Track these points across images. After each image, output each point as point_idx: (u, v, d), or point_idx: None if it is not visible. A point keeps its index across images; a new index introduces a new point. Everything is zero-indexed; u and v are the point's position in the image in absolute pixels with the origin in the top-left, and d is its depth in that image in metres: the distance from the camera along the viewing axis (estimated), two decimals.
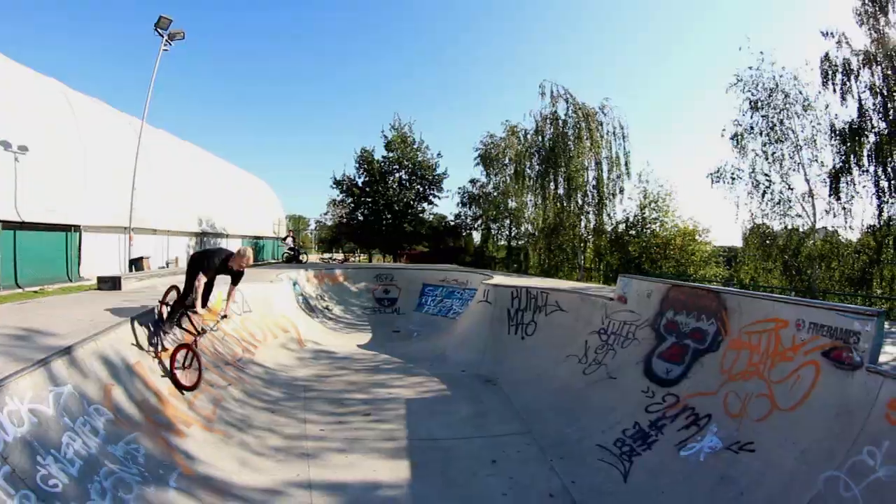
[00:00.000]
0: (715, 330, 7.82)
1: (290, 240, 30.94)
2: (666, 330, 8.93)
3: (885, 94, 21.04)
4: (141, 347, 7.82)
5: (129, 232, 22.56)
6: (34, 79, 21.24)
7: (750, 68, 24.76)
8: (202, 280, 7.94)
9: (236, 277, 8.47)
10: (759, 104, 24.70)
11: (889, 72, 20.86)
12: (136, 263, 20.03)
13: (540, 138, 33.57)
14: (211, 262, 8.09)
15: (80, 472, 4.66)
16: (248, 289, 13.69)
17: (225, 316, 8.83)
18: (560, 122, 32.49)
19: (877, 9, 21.22)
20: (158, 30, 23.88)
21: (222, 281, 8.62)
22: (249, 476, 6.42)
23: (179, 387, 7.76)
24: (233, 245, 35.05)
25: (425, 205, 40.94)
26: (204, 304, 8.20)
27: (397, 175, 39.49)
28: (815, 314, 6.19)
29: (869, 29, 21.50)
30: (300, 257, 30.34)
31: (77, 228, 20.88)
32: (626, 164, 31.66)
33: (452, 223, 43.83)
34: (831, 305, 6.27)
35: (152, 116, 43.85)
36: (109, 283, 12.61)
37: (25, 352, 5.81)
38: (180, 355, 8.04)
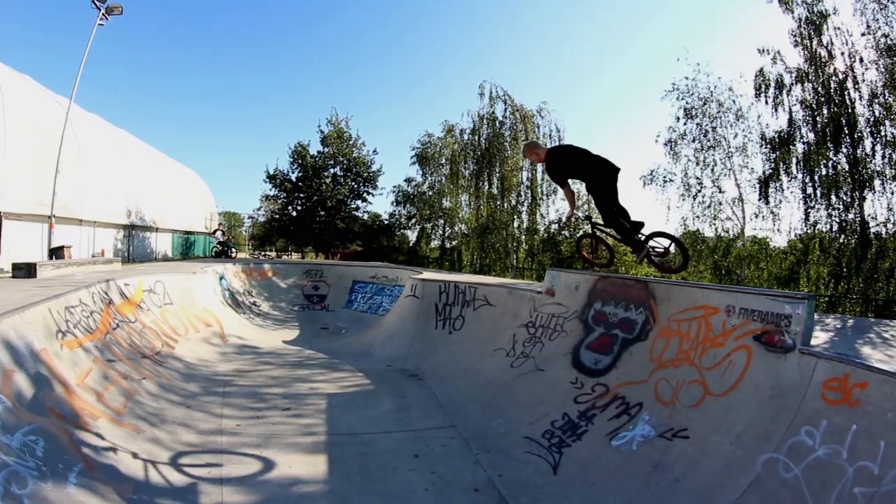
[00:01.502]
0: (644, 319, 7.65)
1: (219, 233, 30.15)
2: (594, 321, 8.75)
3: (815, 107, 22.37)
4: (50, 334, 7.26)
5: (50, 219, 21.41)
6: None
7: (686, 78, 26.03)
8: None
9: None
10: (694, 112, 26.06)
11: (819, 88, 22.19)
12: (56, 252, 19.02)
13: (476, 138, 33.84)
14: None
15: None
16: (169, 280, 13.29)
17: None
18: (497, 122, 33.05)
19: (811, 31, 22.50)
20: (96, 2, 22.89)
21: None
22: (160, 472, 5.99)
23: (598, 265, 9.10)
24: (162, 240, 34.29)
25: (359, 202, 40.63)
26: None
27: (332, 171, 39.04)
28: (746, 300, 6.07)
29: (803, 49, 22.76)
30: (230, 252, 29.51)
31: None
32: None
33: (386, 222, 43.61)
34: (761, 291, 6.21)
35: (86, 101, 42.31)
36: (24, 271, 12.06)
37: None
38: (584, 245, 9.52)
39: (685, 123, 26.34)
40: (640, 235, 8.59)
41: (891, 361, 5.27)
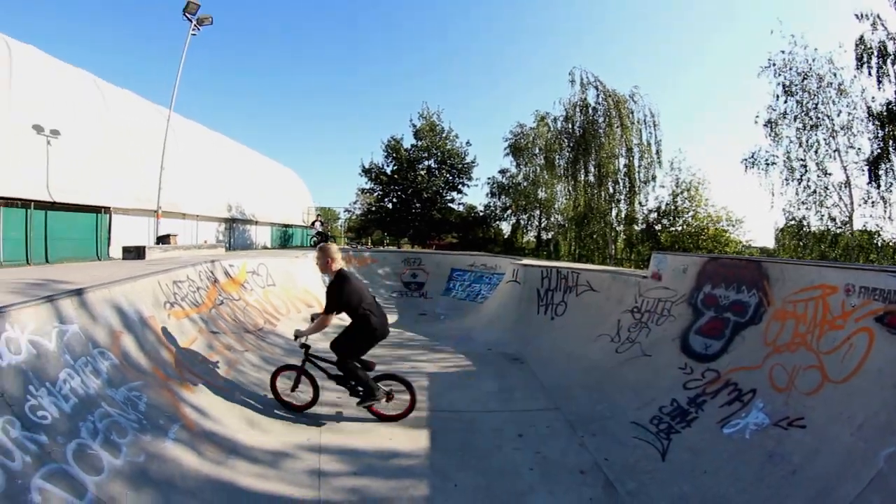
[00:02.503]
0: (756, 301, 7.34)
1: (318, 224, 30.74)
2: (703, 304, 8.48)
3: None
4: (158, 303, 7.85)
5: (157, 211, 22.89)
6: (66, 70, 22.76)
7: (782, 52, 24.56)
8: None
9: None
10: (793, 89, 24.44)
11: None
12: (162, 240, 20.00)
13: (570, 125, 33.14)
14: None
15: (73, 409, 4.64)
16: (272, 262, 13.85)
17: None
18: (590, 109, 32.25)
19: None
20: (187, 14, 24.06)
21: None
22: (257, 437, 6.21)
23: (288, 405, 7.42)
24: (261, 232, 36.18)
25: (454, 194, 40.44)
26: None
27: (426, 163, 39.07)
28: (866, 277, 5.68)
29: None
30: (328, 241, 29.96)
31: (107, 210, 21.83)
32: (658, 151, 31.40)
33: (482, 214, 43.42)
34: (883, 268, 5.81)
35: (183, 109, 44.81)
36: (133, 253, 12.66)
37: (37, 292, 5.98)
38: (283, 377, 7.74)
39: (785, 101, 24.85)
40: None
41: None
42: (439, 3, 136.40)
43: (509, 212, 42.82)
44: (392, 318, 15.48)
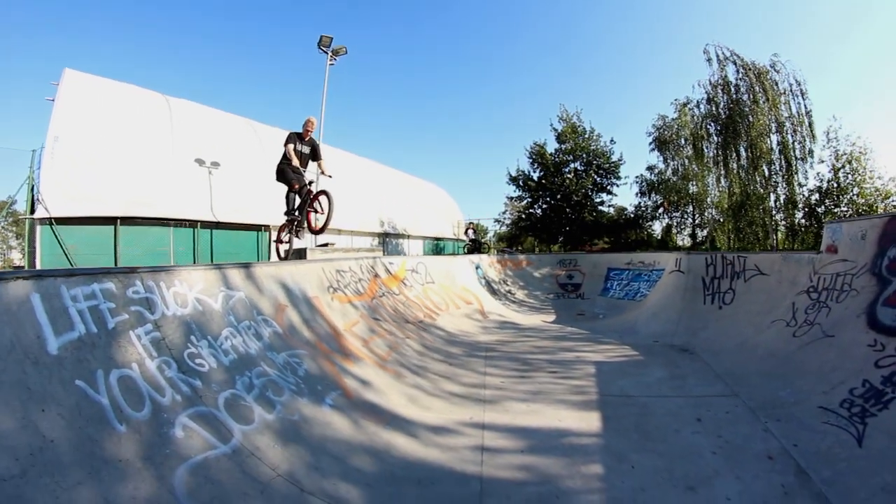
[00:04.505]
0: None
1: (470, 232, 31.09)
2: (889, 271, 7.67)
3: None
4: (322, 287, 8.55)
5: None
6: (225, 117, 27.78)
7: None
8: (291, 149, 10.06)
9: (315, 151, 10.60)
10: None
11: None
12: (322, 248, 21.20)
13: (713, 108, 31.61)
14: (291, 137, 10.25)
15: (231, 363, 5.16)
16: (430, 261, 14.65)
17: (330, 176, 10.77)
18: (732, 87, 30.53)
19: None
20: (322, 48, 25.79)
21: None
22: (417, 412, 6.32)
23: (312, 231, 9.99)
24: (414, 246, 37.54)
25: (604, 195, 39.54)
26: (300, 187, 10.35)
27: (572, 166, 38.48)
28: None
29: None
30: (481, 249, 30.23)
31: (266, 228, 24.21)
32: (810, 124, 28.92)
33: (632, 215, 42.12)
34: None
35: (331, 140, 47.38)
36: (296, 255, 13.44)
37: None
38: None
39: None
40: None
41: None
42: (565, 7, 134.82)
43: (661, 210, 41.53)
44: (550, 318, 15.77)
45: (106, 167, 18.85)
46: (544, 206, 39.12)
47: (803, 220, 29.34)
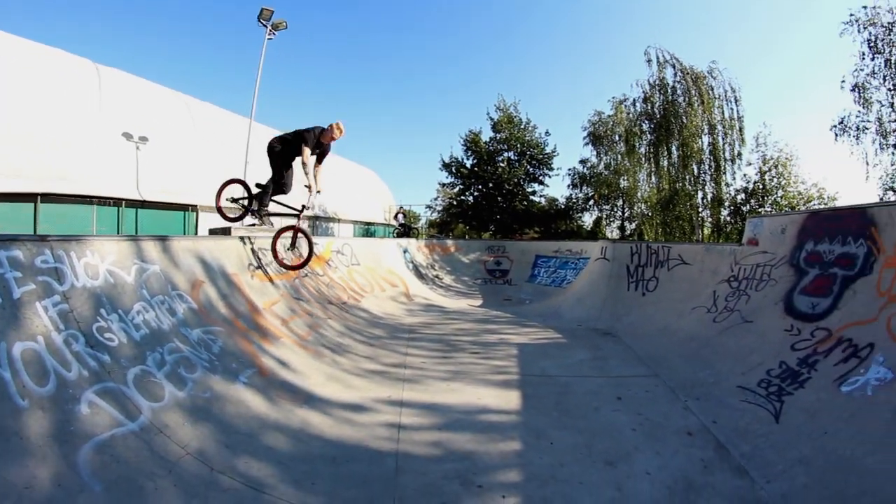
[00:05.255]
0: (866, 251, 6.82)
1: (400, 216, 30.84)
2: (806, 263, 8.00)
3: None
4: (242, 265, 8.28)
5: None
6: (156, 89, 25.63)
7: (864, 8, 23.03)
8: (308, 155, 8.67)
9: (323, 155, 9.19)
10: (880, 45, 22.78)
11: None
12: (249, 227, 20.81)
13: (649, 107, 32.55)
14: (311, 137, 8.76)
15: (142, 339, 4.97)
16: (357, 243, 14.48)
17: (319, 191, 9.23)
18: (668, 88, 31.51)
19: None
20: (262, 21, 25.22)
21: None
22: (335, 390, 6.22)
23: (286, 267, 8.90)
24: (344, 230, 37.10)
25: (536, 186, 40.04)
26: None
27: (505, 155, 38.78)
28: None
29: None
30: (410, 234, 30.05)
31: (194, 208, 23.60)
32: (741, 128, 30.51)
33: (563, 206, 42.67)
34: None
35: (263, 116, 46.50)
36: (220, 233, 13.14)
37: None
38: (283, 238, 9.05)
39: (872, 59, 23.25)
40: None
41: None
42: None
43: (591, 202, 42.13)
44: (476, 302, 15.75)
45: (25, 138, 17.79)
46: (476, 193, 39.35)
47: (728, 218, 30.41)
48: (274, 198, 9.36)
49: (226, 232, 12.86)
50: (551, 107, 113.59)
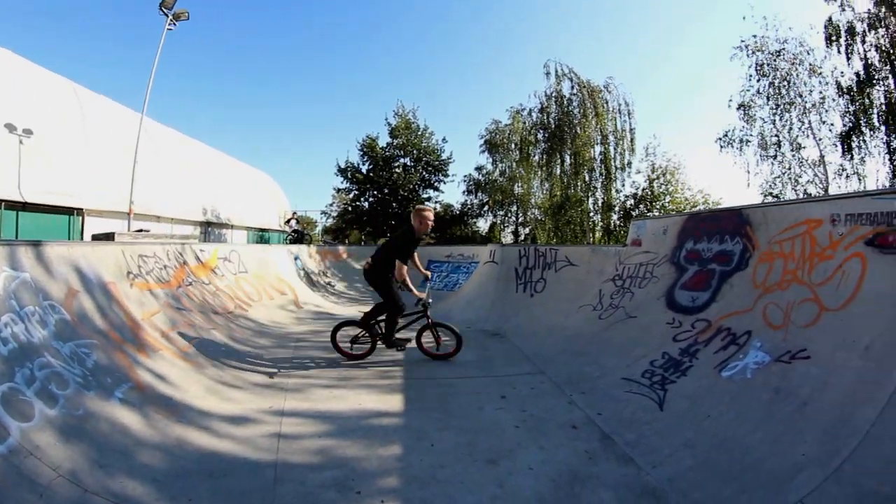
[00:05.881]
0: (741, 248, 7.19)
1: (293, 222, 30.13)
2: (687, 261, 8.33)
3: (891, 52, 21.61)
4: (121, 273, 7.70)
5: (130, 206, 22.73)
6: (43, 74, 23.00)
7: (754, 36, 25.52)
8: (404, 269, 8.33)
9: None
10: (766, 69, 25.25)
11: (893, 28, 21.41)
12: (136, 234, 19.74)
13: (545, 117, 33.50)
14: (407, 247, 8.49)
15: (10, 353, 4.51)
16: (244, 250, 14.00)
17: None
18: (565, 100, 32.66)
19: None
20: (163, 9, 23.83)
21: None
22: (215, 403, 5.92)
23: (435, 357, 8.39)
24: (238, 237, 36.15)
25: (431, 192, 40.38)
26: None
27: (401, 161, 38.94)
28: (850, 205, 5.56)
29: None
30: (304, 240, 29.39)
31: (80, 212, 21.97)
32: (632, 140, 31.95)
33: (458, 211, 43.32)
34: (864, 192, 5.69)
35: (160, 115, 44.57)
36: (103, 238, 12.42)
37: None
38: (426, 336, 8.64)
39: (758, 80, 25.65)
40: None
41: None
42: (415, 4, 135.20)
43: (486, 208, 42.75)
44: (367, 308, 15.37)
45: None
46: (371, 199, 39.21)
47: (619, 222, 31.74)
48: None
49: (109, 237, 12.21)
50: (450, 114, 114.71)
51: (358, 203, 39.96)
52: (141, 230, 19.75)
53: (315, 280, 18.12)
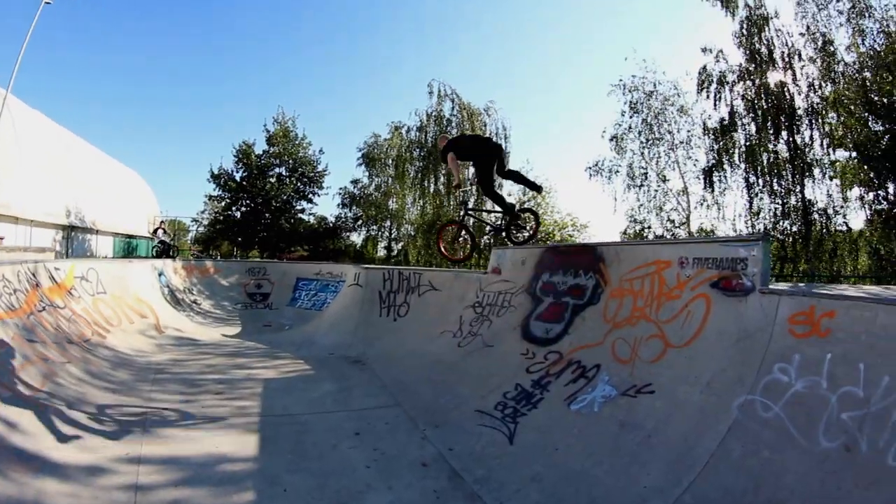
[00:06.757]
0: (594, 283, 7.45)
1: (160, 232, 27.71)
2: (542, 292, 8.55)
3: (756, 100, 23.77)
4: None
5: None
6: None
7: (633, 76, 27.56)
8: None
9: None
10: (639, 107, 27.47)
11: (759, 82, 23.64)
12: None
13: (423, 136, 34.22)
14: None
15: None
16: (102, 267, 13.05)
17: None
18: (444, 120, 33.55)
19: (753, 31, 23.93)
20: None
21: None
22: (71, 452, 5.48)
23: (453, 260, 8.88)
24: (103, 243, 33.59)
25: (305, 203, 39.74)
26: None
27: (277, 171, 38.20)
28: (698, 249, 5.94)
29: (745, 48, 24.26)
30: (173, 254, 27.35)
31: None
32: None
33: (332, 224, 42.98)
34: (713, 238, 6.14)
35: (29, 95, 41.13)
36: None
37: None
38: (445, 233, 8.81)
39: (631, 117, 27.70)
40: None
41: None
42: (300, 10, 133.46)
43: (360, 222, 42.59)
44: (234, 330, 15.17)
45: None
46: (244, 208, 38.11)
47: (488, 240, 32.36)
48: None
49: None
50: (330, 125, 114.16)
51: (230, 212, 38.71)
52: None
53: (180, 298, 17.31)
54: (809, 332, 4.23)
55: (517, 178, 11.63)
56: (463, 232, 9.29)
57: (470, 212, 8.79)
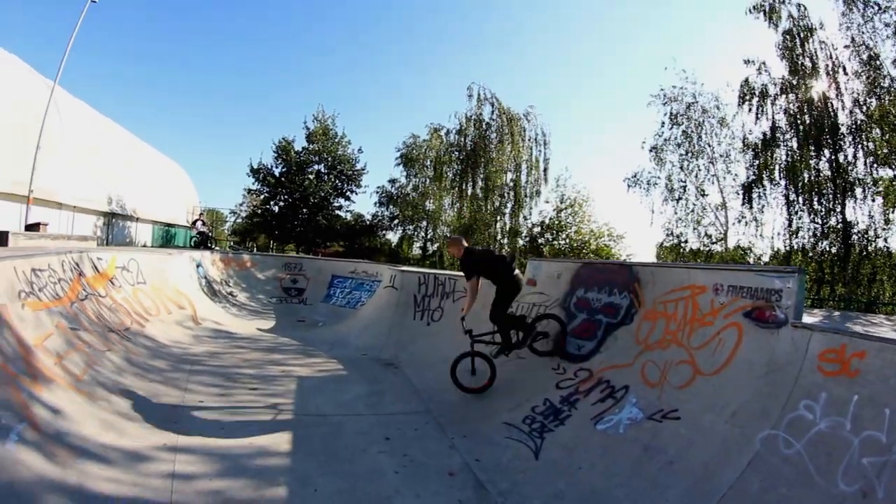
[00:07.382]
0: (628, 303, 7.48)
1: (199, 224, 27.77)
2: (576, 307, 8.58)
3: (798, 115, 23.22)
4: (13, 292, 6.94)
5: (28, 195, 20.98)
6: None
7: (673, 87, 27.32)
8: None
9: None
10: (679, 118, 27.13)
11: (802, 96, 23.13)
12: (31, 228, 18.35)
13: (462, 139, 34.30)
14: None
15: None
16: (143, 257, 13.22)
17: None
18: (484, 124, 33.51)
19: (796, 43, 23.44)
20: None
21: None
22: (112, 438, 5.65)
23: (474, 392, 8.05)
24: (143, 231, 34.15)
25: (342, 201, 40.22)
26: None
27: (315, 167, 38.53)
28: (734, 277, 5.95)
29: (788, 61, 23.74)
30: (211, 245, 27.56)
31: None
32: (545, 169, 33.17)
33: (369, 223, 43.11)
34: (749, 267, 6.17)
35: (74, 88, 41.74)
36: None
37: None
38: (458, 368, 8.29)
39: (671, 129, 27.45)
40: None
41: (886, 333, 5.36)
42: (348, 9, 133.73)
43: (397, 222, 42.66)
44: (268, 324, 15.21)
45: None
46: (282, 203, 38.53)
47: (525, 246, 32.34)
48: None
49: (2, 239, 11.42)
50: (370, 123, 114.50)
51: (268, 206, 39.19)
52: (38, 223, 18.66)
53: (217, 290, 17.63)
54: (839, 371, 4.22)
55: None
56: (478, 359, 8.70)
57: (477, 338, 8.33)
